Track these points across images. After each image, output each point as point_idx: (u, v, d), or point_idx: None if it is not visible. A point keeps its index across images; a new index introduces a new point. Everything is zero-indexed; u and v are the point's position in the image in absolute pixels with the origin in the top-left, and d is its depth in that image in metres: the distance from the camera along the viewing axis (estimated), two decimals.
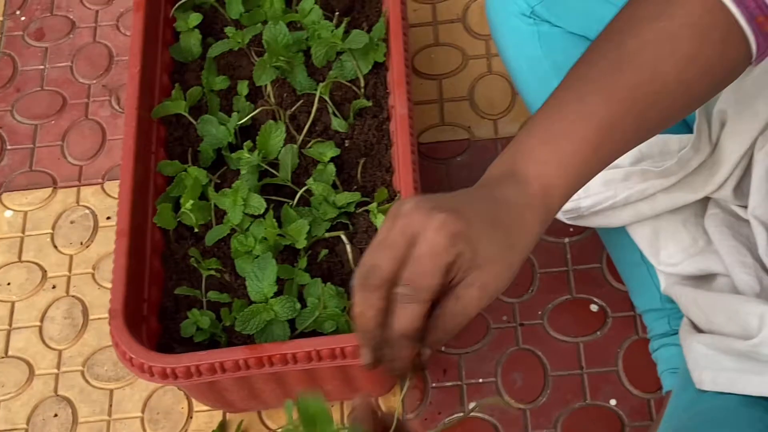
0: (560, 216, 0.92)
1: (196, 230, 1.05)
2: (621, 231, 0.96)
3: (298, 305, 0.98)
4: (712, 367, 0.81)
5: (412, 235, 0.65)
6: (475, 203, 0.68)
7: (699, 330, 0.85)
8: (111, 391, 1.15)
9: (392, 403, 1.09)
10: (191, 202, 1.03)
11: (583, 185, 0.72)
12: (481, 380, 1.11)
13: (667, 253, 0.92)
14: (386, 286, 0.65)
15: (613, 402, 1.09)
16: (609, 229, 0.98)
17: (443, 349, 1.13)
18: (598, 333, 1.12)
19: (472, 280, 0.66)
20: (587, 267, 1.16)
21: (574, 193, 0.71)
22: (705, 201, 0.92)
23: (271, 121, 1.08)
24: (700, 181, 0.89)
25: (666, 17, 0.70)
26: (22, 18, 1.45)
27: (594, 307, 1.14)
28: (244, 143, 1.07)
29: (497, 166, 0.71)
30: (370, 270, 0.65)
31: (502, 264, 0.67)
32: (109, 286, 0.99)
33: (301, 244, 1.02)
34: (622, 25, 0.72)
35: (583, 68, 0.72)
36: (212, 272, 1.02)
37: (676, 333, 0.97)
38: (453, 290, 0.66)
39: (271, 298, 0.98)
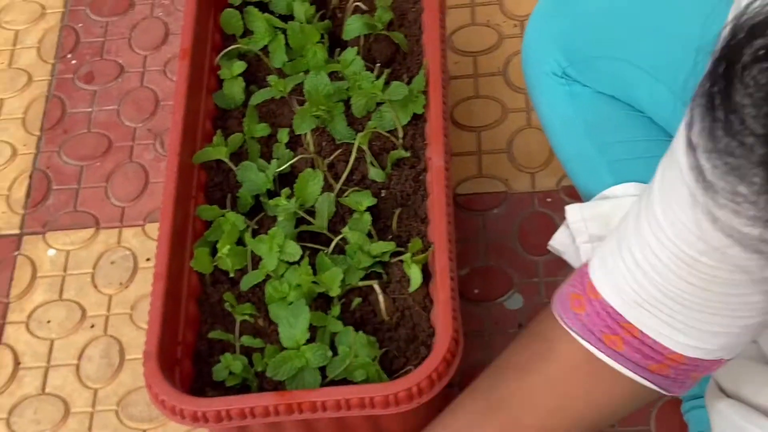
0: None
1: (231, 275, 1.07)
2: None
3: (330, 353, 0.99)
4: None
5: None
6: None
7: (726, 394, 0.84)
8: (144, 431, 1.17)
9: None
10: (228, 247, 1.04)
11: None
12: None
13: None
14: None
15: None
16: None
17: None
18: None
19: None
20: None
21: None
22: None
23: (310, 170, 1.09)
24: None
25: (534, 370, 0.76)
26: (73, 61, 1.49)
27: None
28: (282, 190, 1.09)
29: None
30: None
31: None
32: (146, 327, 1.00)
33: (335, 292, 1.03)
34: (496, 370, 0.79)
35: (451, 415, 0.82)
36: (246, 317, 1.03)
37: None
38: None
39: (303, 345, 0.99)
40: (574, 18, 1.00)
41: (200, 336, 1.04)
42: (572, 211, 0.97)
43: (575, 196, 1.11)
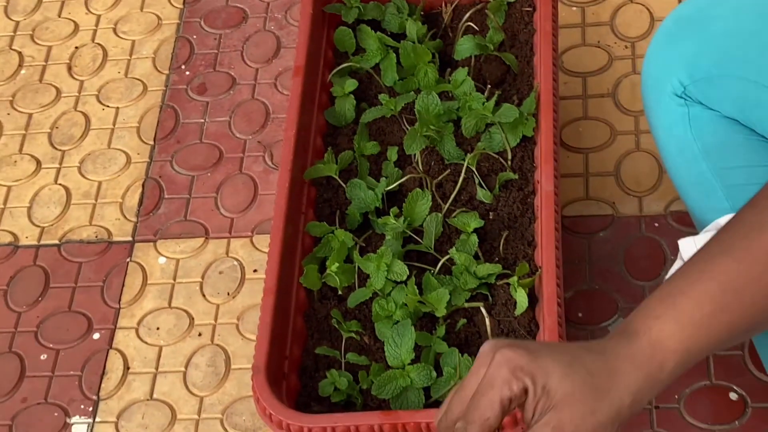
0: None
1: (339, 292, 1.08)
2: None
3: (434, 374, 0.99)
4: None
5: (482, 374, 0.67)
6: (559, 347, 0.67)
7: None
8: None
9: None
10: (337, 264, 1.06)
11: (706, 353, 0.67)
12: None
13: None
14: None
15: None
16: None
17: None
18: (737, 423, 1.10)
19: (548, 420, 0.65)
20: (728, 353, 1.14)
21: (694, 359, 0.67)
22: None
23: (418, 190, 1.10)
24: None
25: None
26: (187, 72, 1.52)
27: (733, 396, 1.12)
28: (391, 209, 1.10)
29: (616, 328, 0.69)
30: (444, 414, 0.68)
31: (581, 407, 0.64)
32: (252, 337, 1.02)
33: (441, 312, 1.03)
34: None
35: (720, 233, 0.71)
36: (352, 334, 1.04)
37: None
38: (531, 428, 0.66)
39: (408, 364, 1.00)
40: (699, 38, 0.99)
41: (306, 351, 1.06)
42: (686, 244, 0.95)
43: (683, 221, 1.10)
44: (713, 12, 0.99)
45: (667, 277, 0.97)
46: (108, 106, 1.51)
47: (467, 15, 1.22)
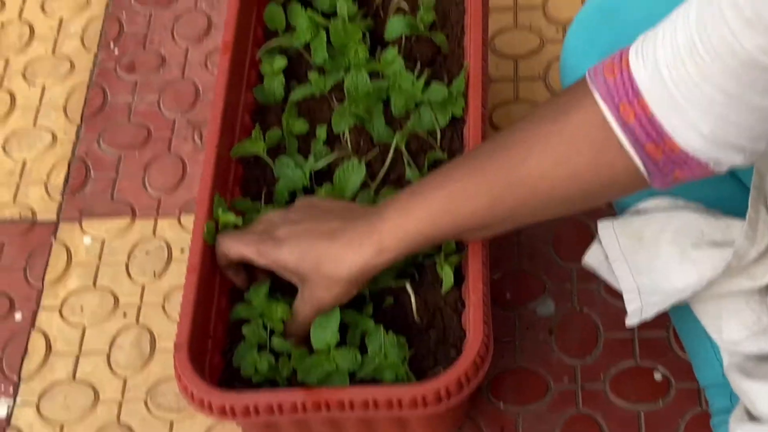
0: (631, 322, 0.94)
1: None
2: (684, 307, 0.96)
3: (359, 357, 0.99)
4: None
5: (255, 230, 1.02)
6: (304, 235, 0.96)
7: (750, 416, 0.84)
8: (171, 422, 1.17)
9: None
10: None
11: (431, 240, 0.93)
12: None
13: (729, 331, 0.91)
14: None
15: None
16: None
17: (502, 407, 1.13)
18: (661, 402, 1.11)
19: (299, 297, 0.98)
20: (653, 335, 1.15)
21: (417, 244, 0.93)
22: None
23: (354, 161, 1.09)
24: (760, 270, 0.89)
25: (556, 121, 0.81)
26: (116, 51, 1.50)
27: (658, 376, 1.13)
28: (320, 186, 1.09)
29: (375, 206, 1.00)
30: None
31: (310, 286, 0.97)
32: (178, 318, 1.00)
33: (366, 291, 1.03)
34: (519, 120, 0.85)
35: (477, 148, 0.93)
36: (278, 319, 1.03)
37: None
38: None
39: (334, 348, 0.99)
40: (614, 27, 1.00)
41: (231, 330, 1.04)
42: (604, 227, 0.96)
43: (611, 204, 1.10)
44: (627, 1, 1.00)
45: (584, 258, 0.99)
46: (34, 85, 1.48)
47: None
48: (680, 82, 0.73)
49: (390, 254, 0.92)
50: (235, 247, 0.99)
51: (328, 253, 0.93)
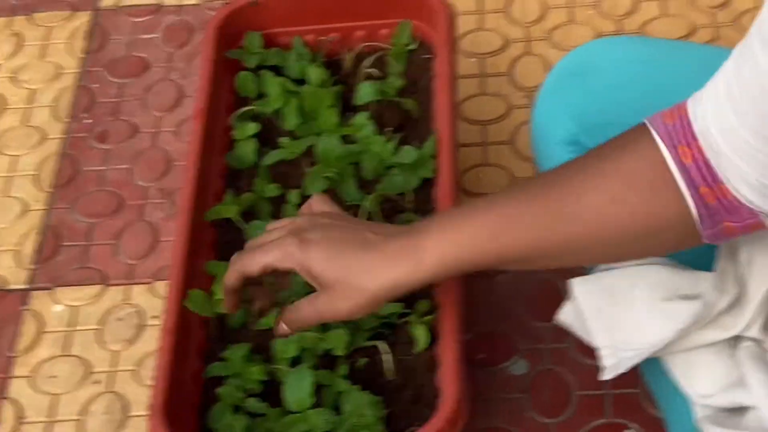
0: (607, 376, 0.95)
1: (236, 327, 1.07)
2: (655, 361, 0.97)
3: (333, 418, 0.99)
4: None
5: (271, 238, 0.93)
6: (336, 241, 0.88)
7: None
8: None
9: None
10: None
11: (471, 267, 0.87)
12: None
13: (701, 385, 0.92)
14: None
15: None
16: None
17: None
18: None
19: (310, 299, 0.89)
20: (624, 391, 1.16)
21: (460, 258, 0.86)
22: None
23: None
24: (730, 321, 0.90)
25: (612, 160, 0.80)
26: (88, 121, 1.51)
27: None
28: None
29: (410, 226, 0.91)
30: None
31: (335, 294, 0.87)
32: (151, 384, 1.00)
33: (340, 351, 1.03)
34: (575, 160, 0.84)
35: (513, 186, 0.91)
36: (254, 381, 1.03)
37: None
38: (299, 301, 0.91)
39: (309, 409, 0.99)
40: (583, 90, 1.02)
41: (206, 390, 1.04)
42: (577, 284, 0.97)
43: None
44: (594, 65, 1.03)
45: (558, 315, 1.00)
46: (5, 154, 1.49)
47: (369, 61, 1.24)
48: (724, 129, 0.73)
49: (425, 274, 0.87)
50: (257, 258, 0.90)
51: (361, 264, 0.87)
